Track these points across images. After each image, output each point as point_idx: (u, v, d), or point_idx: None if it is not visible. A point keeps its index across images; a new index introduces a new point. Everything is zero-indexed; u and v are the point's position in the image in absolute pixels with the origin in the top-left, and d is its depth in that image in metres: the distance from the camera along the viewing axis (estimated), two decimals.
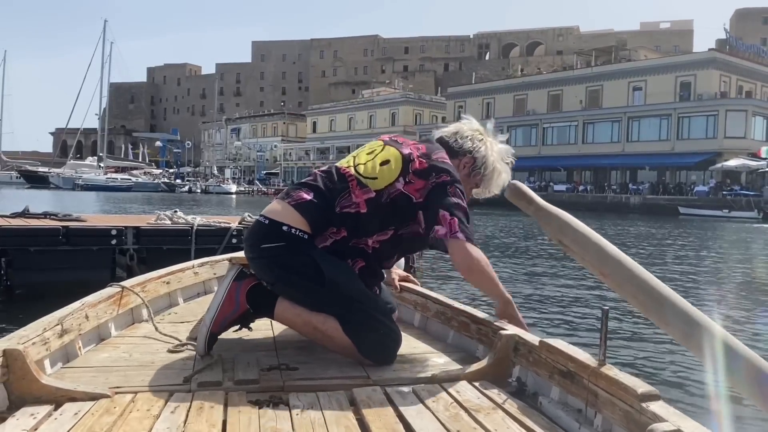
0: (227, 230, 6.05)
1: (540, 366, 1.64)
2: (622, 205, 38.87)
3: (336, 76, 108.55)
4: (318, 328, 1.89)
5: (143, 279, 2.35)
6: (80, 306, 1.88)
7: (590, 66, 52.66)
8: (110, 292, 2.10)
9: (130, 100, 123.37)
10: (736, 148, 39.98)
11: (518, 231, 18.02)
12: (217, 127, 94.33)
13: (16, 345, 1.48)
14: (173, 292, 2.52)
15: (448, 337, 2.18)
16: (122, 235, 5.72)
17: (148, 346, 1.96)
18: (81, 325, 1.86)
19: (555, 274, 6.94)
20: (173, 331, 2.10)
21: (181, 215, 6.16)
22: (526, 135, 52.53)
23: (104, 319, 2.02)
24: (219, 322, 1.88)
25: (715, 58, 44.43)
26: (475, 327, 2.03)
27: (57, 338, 1.71)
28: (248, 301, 1.92)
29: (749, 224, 28.91)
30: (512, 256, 9.07)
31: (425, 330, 2.33)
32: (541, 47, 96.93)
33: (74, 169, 63.06)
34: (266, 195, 61.21)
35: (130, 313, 2.21)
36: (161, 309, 2.40)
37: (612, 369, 1.40)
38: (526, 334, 1.80)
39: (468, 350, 2.05)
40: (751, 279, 9.69)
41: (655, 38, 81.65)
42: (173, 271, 2.54)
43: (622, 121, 46.38)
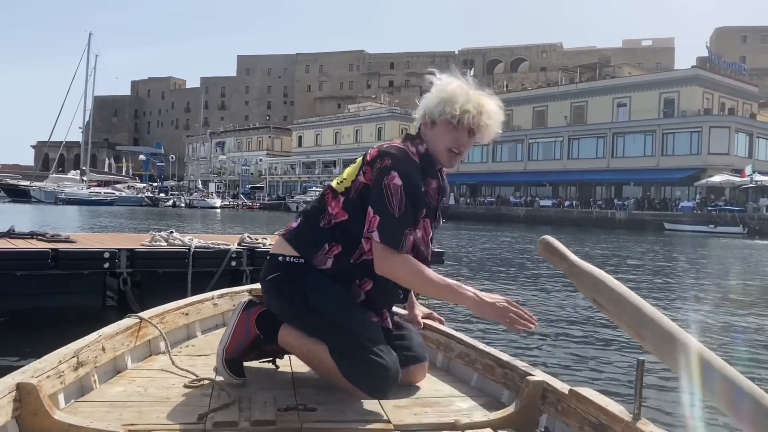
0: (226, 252, 5.78)
1: (569, 416, 1.57)
2: (608, 221, 39.01)
3: (321, 90, 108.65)
4: (312, 352, 1.88)
5: (162, 310, 2.27)
6: (97, 338, 1.83)
7: (575, 82, 53.12)
8: (128, 323, 2.04)
9: (114, 114, 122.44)
10: (720, 164, 40.44)
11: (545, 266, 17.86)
12: (201, 141, 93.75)
13: (30, 378, 1.44)
14: (192, 323, 2.43)
15: (471, 380, 2.09)
16: (115, 258, 5.41)
17: (164, 380, 1.90)
18: (97, 357, 1.80)
19: (586, 317, 6.74)
20: (190, 365, 2.03)
21: (177, 236, 5.88)
22: (511, 150, 52.81)
23: (121, 351, 1.96)
24: (232, 349, 1.92)
25: (698, 75, 45.05)
26: (500, 371, 1.94)
27: (72, 371, 1.66)
28: (258, 327, 1.96)
29: (735, 240, 29.10)
30: (540, 291, 8.88)
31: (448, 371, 2.23)
32: (525, 63, 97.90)
33: (56, 183, 62.07)
34: (251, 209, 60.80)
35: (148, 345, 2.14)
36: (179, 341, 2.33)
37: (648, 424, 1.34)
38: (555, 381, 1.73)
39: (493, 395, 1.96)
40: (736, 293, 9.61)
41: (638, 55, 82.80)
42: (192, 302, 2.45)
43: (606, 137, 46.78)
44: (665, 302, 8.11)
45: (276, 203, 63.76)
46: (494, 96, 2.00)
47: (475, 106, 1.91)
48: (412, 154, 1.94)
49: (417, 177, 1.91)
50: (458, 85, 1.96)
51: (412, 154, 1.94)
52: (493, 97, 1.99)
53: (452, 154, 1.96)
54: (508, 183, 52.21)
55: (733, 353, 5.33)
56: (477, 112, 1.91)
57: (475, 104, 1.91)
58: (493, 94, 2.02)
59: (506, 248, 18.50)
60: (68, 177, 67.54)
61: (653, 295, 8.60)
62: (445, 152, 1.96)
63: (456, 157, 1.98)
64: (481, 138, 1.98)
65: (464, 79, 1.99)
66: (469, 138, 1.96)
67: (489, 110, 1.93)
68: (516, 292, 8.83)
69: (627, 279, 10.54)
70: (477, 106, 1.91)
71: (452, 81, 1.97)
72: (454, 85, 1.95)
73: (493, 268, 12.36)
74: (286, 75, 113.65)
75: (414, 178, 1.89)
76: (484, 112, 1.92)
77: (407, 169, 1.89)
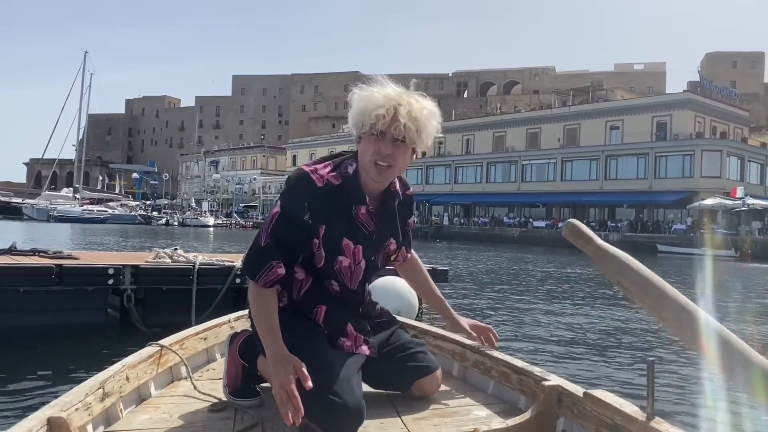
0: (231, 269, 5.75)
1: (585, 418, 1.61)
2: None
3: (316, 110, 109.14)
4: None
5: (181, 336, 2.29)
6: (121, 368, 1.85)
7: (567, 105, 53.60)
8: (150, 351, 2.06)
9: (108, 132, 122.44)
10: (712, 188, 40.71)
11: (555, 272, 17.86)
12: (195, 160, 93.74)
13: (59, 412, 1.47)
14: (211, 347, 2.45)
15: (488, 388, 2.11)
16: (120, 275, 5.36)
17: (188, 405, 1.92)
18: (122, 387, 1.82)
19: (597, 320, 6.76)
20: (212, 389, 2.05)
21: (182, 253, 5.85)
22: (505, 171, 53.08)
23: (144, 379, 1.98)
24: (231, 383, 1.94)
25: (690, 99, 45.57)
26: (516, 377, 1.97)
27: (99, 402, 1.68)
28: (243, 356, 1.95)
29: (726, 262, 29.22)
30: (551, 300, 8.87)
31: (464, 380, 2.25)
32: (518, 86, 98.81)
33: (49, 200, 61.78)
34: (244, 228, 60.57)
35: (170, 371, 2.16)
36: (199, 365, 2.35)
37: (662, 423, 1.36)
38: (570, 384, 1.76)
39: (510, 401, 1.99)
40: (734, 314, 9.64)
41: (630, 79, 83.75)
42: (210, 327, 2.48)
43: (600, 159, 47.08)
44: None
45: None
46: (421, 95, 1.79)
47: (389, 109, 1.70)
48: (319, 178, 1.77)
49: (299, 205, 1.75)
50: (373, 91, 1.75)
51: (318, 178, 1.77)
52: (417, 95, 1.77)
53: (379, 167, 1.76)
54: (501, 204, 52.37)
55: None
56: (392, 116, 1.70)
57: (389, 108, 1.70)
58: (423, 94, 1.80)
59: (506, 266, 18.50)
60: (61, 194, 67.30)
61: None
62: (371, 166, 1.77)
63: (385, 169, 1.77)
64: (412, 142, 1.76)
65: (384, 84, 1.77)
66: (394, 146, 1.74)
67: (408, 111, 1.72)
68: (526, 302, 8.81)
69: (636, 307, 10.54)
70: (392, 110, 1.71)
71: (366, 89, 1.77)
72: (366, 93, 1.76)
73: (497, 285, 12.35)
74: (281, 95, 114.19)
75: (295, 206, 1.75)
76: (401, 114, 1.70)
77: (291, 196, 1.76)
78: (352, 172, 1.82)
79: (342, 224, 1.82)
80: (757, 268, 25.09)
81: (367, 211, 1.85)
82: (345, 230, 1.83)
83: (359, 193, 1.82)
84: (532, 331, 6.66)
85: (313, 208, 1.76)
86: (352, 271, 1.89)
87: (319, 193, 1.76)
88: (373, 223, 1.88)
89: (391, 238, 1.97)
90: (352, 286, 1.92)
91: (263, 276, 1.76)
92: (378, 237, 1.91)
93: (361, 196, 1.83)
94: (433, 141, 1.84)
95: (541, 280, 13.06)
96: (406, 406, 1.94)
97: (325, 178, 1.79)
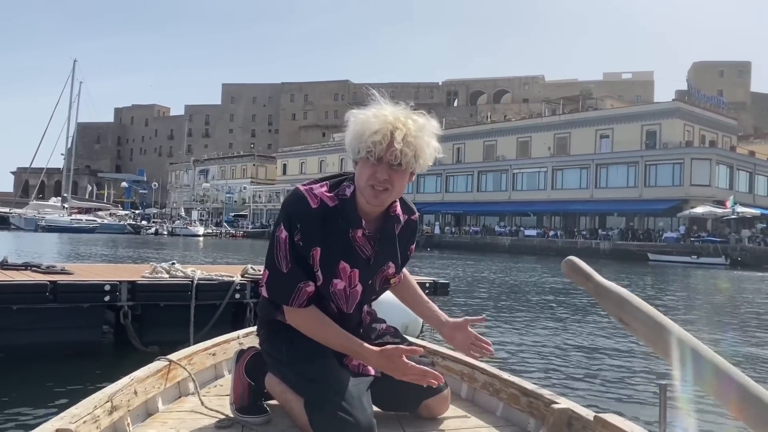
0: (230, 284, 5.62)
1: None
2: (593, 251, 39.14)
3: (306, 119, 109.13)
4: (289, 403, 1.83)
5: (190, 352, 2.30)
6: (129, 381, 1.85)
7: (557, 114, 53.84)
8: (158, 366, 2.06)
9: (96, 140, 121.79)
10: (702, 196, 40.96)
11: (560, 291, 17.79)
12: (185, 168, 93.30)
13: (68, 425, 1.47)
14: (219, 363, 2.44)
15: (497, 410, 2.09)
16: (116, 291, 5.20)
17: (195, 421, 1.91)
18: (130, 401, 1.83)
19: (606, 344, 6.71)
20: (219, 405, 2.03)
21: (179, 267, 5.71)
22: (496, 180, 53.18)
23: (152, 393, 1.98)
24: (238, 400, 1.93)
25: (679, 108, 45.93)
26: (525, 399, 1.95)
27: (107, 416, 1.69)
28: (248, 374, 1.95)
29: (717, 270, 29.34)
30: (559, 320, 8.80)
31: (473, 401, 2.23)
32: (507, 95, 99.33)
33: (37, 210, 61.22)
34: (234, 237, 60.24)
35: (177, 386, 2.15)
36: (207, 381, 2.34)
37: None
38: (580, 408, 1.74)
39: (519, 424, 1.97)
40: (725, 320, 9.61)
41: (618, 88, 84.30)
42: (218, 343, 2.47)
43: (590, 167, 47.28)
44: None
45: (260, 231, 63.35)
46: (420, 114, 1.75)
47: (385, 135, 1.67)
48: (314, 198, 1.77)
49: (293, 226, 1.76)
50: (370, 114, 1.71)
51: (313, 198, 1.77)
52: (415, 116, 1.73)
53: (375, 190, 1.74)
54: (492, 213, 52.42)
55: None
56: (388, 142, 1.67)
57: (385, 133, 1.67)
58: (422, 114, 1.76)
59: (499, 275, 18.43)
60: (49, 204, 66.75)
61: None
62: (367, 188, 1.74)
63: (381, 193, 1.74)
64: (409, 166, 1.73)
65: (383, 104, 1.73)
66: (390, 171, 1.71)
67: (405, 135, 1.68)
68: (533, 320, 8.72)
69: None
70: (388, 135, 1.67)
71: (362, 112, 1.74)
72: (363, 117, 1.72)
73: (501, 301, 12.26)
74: (271, 103, 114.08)
75: (290, 227, 1.76)
76: (397, 139, 1.66)
77: (287, 217, 1.77)
78: (349, 194, 1.80)
79: (338, 247, 1.80)
80: (747, 275, 25.19)
81: (364, 234, 1.83)
82: (341, 253, 1.81)
83: (355, 216, 1.80)
84: (537, 349, 6.58)
85: (305, 230, 1.76)
86: (347, 294, 1.87)
87: (313, 213, 1.76)
88: (371, 247, 1.85)
89: (390, 262, 1.93)
90: (347, 310, 1.89)
91: (296, 300, 1.78)
92: (376, 261, 1.88)
93: (357, 219, 1.80)
94: (434, 161, 1.80)
95: (539, 293, 12.99)
96: (415, 426, 1.92)
97: (320, 199, 1.78)
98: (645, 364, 5.93)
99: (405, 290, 2.18)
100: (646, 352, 6.76)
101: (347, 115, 1.77)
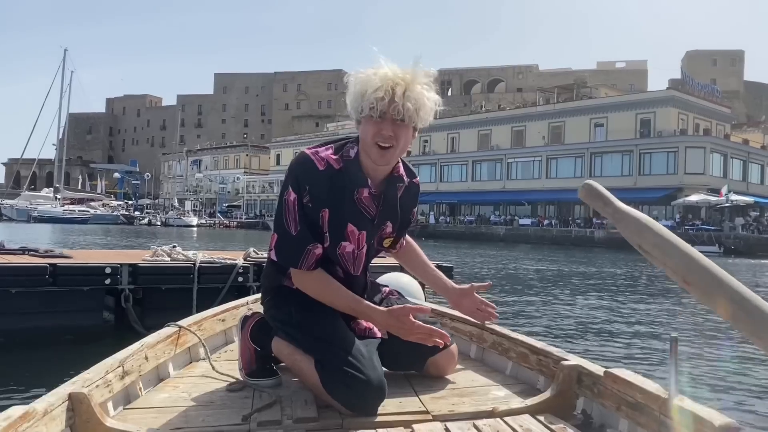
0: (233, 267, 5.52)
1: (606, 397, 1.60)
2: (587, 240, 39.25)
3: (300, 109, 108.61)
4: (298, 363, 1.84)
5: (199, 318, 2.32)
6: (140, 347, 1.87)
7: (552, 103, 53.75)
8: (168, 332, 2.08)
9: (88, 131, 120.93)
10: (696, 184, 41.04)
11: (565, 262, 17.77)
12: (177, 159, 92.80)
13: (80, 388, 1.49)
14: (228, 329, 2.47)
15: (506, 369, 2.12)
16: (117, 274, 5.10)
17: (207, 385, 1.94)
18: (141, 366, 1.85)
19: (615, 302, 6.72)
20: (230, 369, 2.07)
21: (180, 251, 5.62)
22: (490, 169, 53.12)
23: (163, 359, 2.00)
24: (246, 365, 1.96)
25: (673, 97, 45.90)
26: (534, 358, 1.97)
27: (119, 380, 1.71)
28: (254, 340, 1.96)
29: (712, 258, 29.33)
30: (567, 286, 8.77)
31: (482, 361, 2.26)
32: (501, 84, 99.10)
33: (29, 201, 60.76)
34: (228, 228, 60.02)
35: (188, 352, 2.19)
36: (217, 347, 2.38)
37: (685, 400, 1.35)
38: (589, 364, 1.75)
39: (528, 382, 2.00)
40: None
41: (612, 77, 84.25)
42: (228, 309, 2.51)
43: (584, 156, 47.27)
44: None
45: (254, 222, 63.16)
46: (418, 70, 1.74)
47: (387, 91, 1.69)
48: (320, 160, 1.78)
49: (301, 188, 1.77)
50: (370, 72, 1.73)
51: (319, 160, 1.78)
52: (414, 72, 1.73)
53: (381, 148, 1.76)
54: (487, 202, 52.40)
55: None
56: (390, 97, 1.69)
57: (387, 89, 1.69)
58: (419, 68, 1.75)
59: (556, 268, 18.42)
60: (41, 195, 66.27)
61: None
62: (373, 148, 1.76)
63: (388, 150, 1.76)
64: (412, 121, 1.75)
65: (381, 63, 1.74)
66: (395, 126, 1.74)
67: (405, 90, 1.71)
68: (541, 292, 8.68)
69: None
70: (390, 91, 1.69)
71: (362, 71, 1.75)
72: (363, 75, 1.74)
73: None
74: (264, 93, 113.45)
75: (298, 190, 1.76)
76: (398, 94, 1.69)
77: (294, 179, 1.78)
78: (353, 155, 1.82)
79: (346, 209, 1.82)
80: (740, 263, 25.28)
81: (369, 194, 1.85)
82: (349, 215, 1.83)
83: (361, 176, 1.82)
84: (546, 319, 6.55)
85: (314, 192, 1.77)
86: (354, 256, 1.89)
87: (320, 176, 1.77)
88: (375, 207, 1.87)
89: (389, 221, 1.96)
90: (355, 272, 1.92)
91: (305, 262, 1.79)
92: (379, 220, 1.91)
93: (362, 179, 1.82)
94: (434, 115, 1.82)
95: (541, 278, 12.97)
96: (424, 385, 1.93)
97: (326, 161, 1.79)
98: (654, 319, 5.91)
99: (411, 256, 2.20)
100: (655, 311, 6.71)
101: (347, 76, 1.78)
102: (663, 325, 6.45)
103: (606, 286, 11.96)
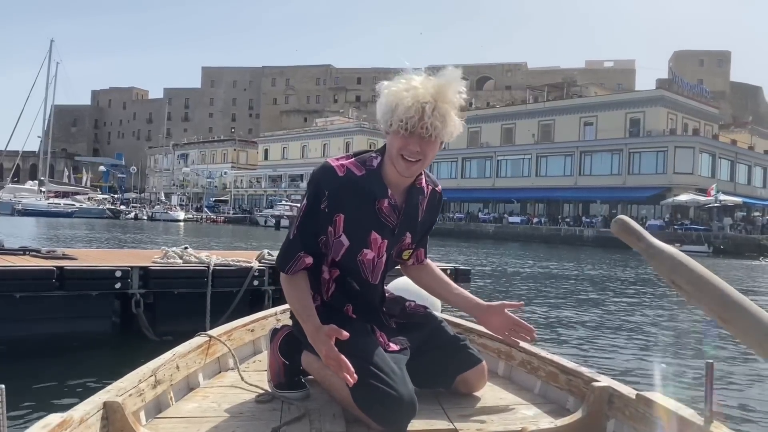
0: (248, 270, 5.29)
1: (638, 421, 1.56)
2: (576, 238, 39.34)
3: (288, 104, 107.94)
4: (328, 379, 1.83)
5: (229, 327, 2.32)
6: (171, 357, 1.89)
7: (541, 101, 53.80)
8: (199, 341, 2.09)
9: (73, 123, 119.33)
10: (685, 184, 41.27)
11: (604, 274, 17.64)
12: (164, 153, 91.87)
13: (115, 397, 1.50)
14: (257, 339, 2.46)
15: (535, 388, 2.08)
16: (127, 277, 4.85)
17: (236, 395, 1.94)
18: (172, 375, 1.86)
19: (648, 322, 6.57)
20: (259, 380, 2.06)
21: (193, 252, 5.38)
22: (480, 167, 53.09)
23: (193, 368, 2.01)
24: (275, 377, 1.95)
25: (662, 96, 46.11)
26: (564, 377, 1.94)
27: (151, 389, 1.73)
28: (283, 354, 1.95)
29: (700, 258, 29.56)
30: (602, 303, 8.63)
31: (510, 379, 2.21)
32: (490, 82, 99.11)
33: (13, 194, 59.79)
34: (215, 223, 59.52)
35: (217, 362, 2.19)
36: (246, 357, 2.37)
37: (722, 427, 1.31)
38: (621, 386, 1.72)
39: (557, 402, 1.95)
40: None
41: (600, 76, 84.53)
42: (257, 319, 2.50)
43: (574, 155, 47.39)
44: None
45: (241, 217, 62.68)
46: (448, 87, 1.73)
47: (417, 110, 1.70)
48: (340, 167, 1.82)
49: (319, 194, 1.80)
50: (402, 87, 1.73)
51: (339, 167, 1.82)
52: (444, 88, 1.72)
53: (407, 161, 1.78)
54: (476, 199, 52.39)
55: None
56: (419, 116, 1.70)
57: (417, 108, 1.69)
58: (451, 80, 1.73)
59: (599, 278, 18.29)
60: (25, 187, 65.21)
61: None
62: (399, 159, 1.78)
63: (414, 164, 1.79)
64: (439, 138, 1.77)
65: (413, 74, 1.75)
66: (422, 142, 1.75)
67: (435, 108, 1.70)
68: (566, 300, 8.53)
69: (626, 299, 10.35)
70: (420, 110, 1.69)
71: (394, 83, 1.76)
72: (395, 89, 1.74)
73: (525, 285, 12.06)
74: (252, 87, 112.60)
75: (316, 197, 1.81)
76: (428, 113, 1.70)
77: (314, 187, 1.81)
78: (376, 165, 1.85)
79: (366, 216, 1.83)
80: (728, 263, 25.39)
81: (390, 204, 1.85)
82: (372, 223, 1.84)
83: (381, 185, 1.84)
84: (574, 328, 6.39)
85: (332, 196, 1.79)
86: (374, 264, 1.90)
87: (339, 182, 1.79)
88: (396, 217, 1.88)
89: (408, 233, 1.96)
90: (373, 281, 1.92)
91: (292, 268, 1.83)
92: (399, 231, 1.92)
93: (383, 189, 1.84)
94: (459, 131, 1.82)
95: (535, 278, 12.84)
96: (452, 403, 1.91)
97: (347, 168, 1.82)
98: (689, 342, 5.79)
99: (430, 277, 2.15)
100: (692, 331, 6.59)
101: (378, 86, 1.80)
102: (693, 344, 6.30)
103: (634, 294, 11.85)
